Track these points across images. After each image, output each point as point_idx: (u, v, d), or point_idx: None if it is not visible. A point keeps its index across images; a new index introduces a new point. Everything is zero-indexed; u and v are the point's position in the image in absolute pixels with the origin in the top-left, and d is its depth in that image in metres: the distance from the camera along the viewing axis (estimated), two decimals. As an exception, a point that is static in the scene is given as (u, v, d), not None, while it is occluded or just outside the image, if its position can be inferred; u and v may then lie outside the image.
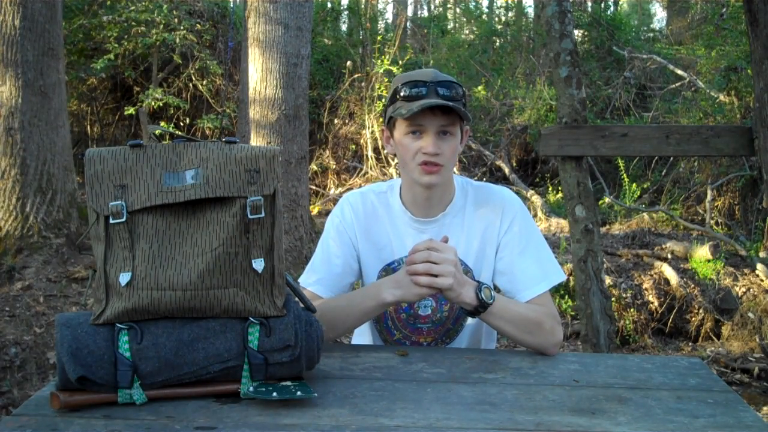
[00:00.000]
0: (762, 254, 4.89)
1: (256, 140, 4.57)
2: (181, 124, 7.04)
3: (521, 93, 7.56)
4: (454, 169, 1.60)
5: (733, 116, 5.95)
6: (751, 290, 4.52)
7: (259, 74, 4.58)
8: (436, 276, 1.33)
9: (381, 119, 7.02)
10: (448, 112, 1.42)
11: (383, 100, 7.00)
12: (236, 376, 1.14)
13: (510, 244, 1.52)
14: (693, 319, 4.50)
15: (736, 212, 6.20)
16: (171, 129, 6.77)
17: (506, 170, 7.07)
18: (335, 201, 6.50)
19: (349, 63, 7.53)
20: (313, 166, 7.11)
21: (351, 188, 6.84)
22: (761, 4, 2.77)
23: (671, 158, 6.58)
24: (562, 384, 1.28)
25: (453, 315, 1.58)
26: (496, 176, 7.16)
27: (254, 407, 1.11)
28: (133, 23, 6.33)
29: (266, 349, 1.14)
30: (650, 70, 7.79)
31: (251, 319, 1.15)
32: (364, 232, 1.57)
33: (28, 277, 3.75)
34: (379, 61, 7.11)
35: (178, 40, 6.28)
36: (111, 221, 1.12)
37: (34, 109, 3.98)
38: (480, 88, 7.75)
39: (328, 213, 5.59)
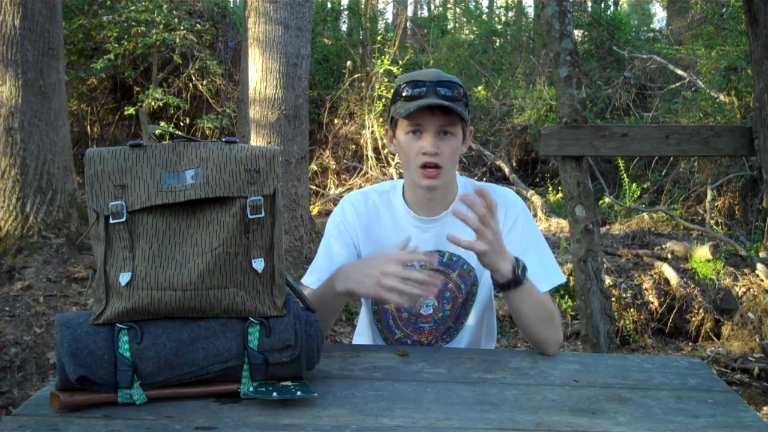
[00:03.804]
0: (762, 254, 4.89)
1: (256, 140, 4.57)
2: (181, 124, 7.03)
3: (521, 93, 7.56)
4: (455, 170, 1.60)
5: (733, 116, 5.95)
6: (751, 290, 4.52)
7: (259, 74, 4.58)
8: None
9: (381, 119, 7.01)
10: (447, 112, 1.42)
11: (383, 100, 7.00)
12: (236, 376, 1.14)
13: (512, 244, 1.52)
14: (693, 319, 4.50)
15: (736, 212, 6.20)
16: (171, 129, 6.77)
17: (506, 170, 7.07)
18: (335, 201, 6.50)
19: (349, 63, 7.53)
20: (313, 166, 7.11)
21: (351, 188, 6.84)
22: (761, 4, 2.77)
23: (671, 158, 6.58)
24: (562, 384, 1.28)
25: (454, 314, 1.59)
26: (496, 176, 7.16)
27: (254, 407, 1.11)
28: (133, 23, 6.32)
29: (266, 349, 1.14)
30: (650, 70, 7.79)
31: (251, 319, 1.15)
32: (365, 231, 1.57)
33: (28, 277, 3.75)
34: (379, 61, 7.11)
35: (178, 40, 6.28)
36: (111, 221, 1.12)
37: (34, 109, 3.98)
38: (480, 88, 7.75)
39: (328, 213, 5.59)
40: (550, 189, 6.87)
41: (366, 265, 1.34)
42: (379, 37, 7.56)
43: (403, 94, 1.45)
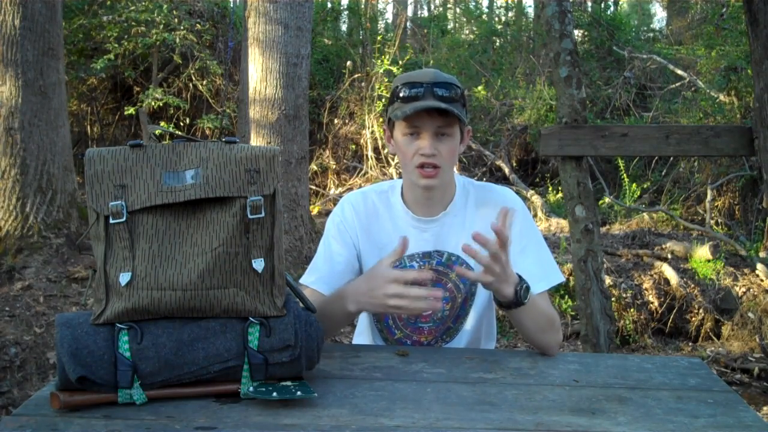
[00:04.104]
0: (762, 254, 4.89)
1: (256, 140, 4.57)
2: (181, 124, 7.03)
3: (521, 93, 7.56)
4: (454, 169, 1.60)
5: (733, 116, 5.95)
6: (751, 290, 4.52)
7: (259, 74, 4.58)
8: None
9: (381, 119, 7.01)
10: (445, 114, 1.42)
11: (383, 100, 6.99)
12: (236, 376, 1.14)
13: (511, 243, 1.52)
14: (693, 319, 4.49)
15: (736, 212, 6.20)
16: (171, 129, 6.77)
17: (506, 170, 7.07)
18: (335, 201, 6.50)
19: (349, 63, 7.53)
20: (313, 166, 7.11)
21: (351, 188, 6.84)
22: (761, 4, 2.77)
23: (671, 158, 6.58)
24: (562, 384, 1.28)
25: (453, 314, 1.59)
26: (496, 176, 7.16)
27: (254, 407, 1.11)
28: (133, 23, 6.32)
29: (266, 349, 1.14)
30: (650, 70, 7.79)
31: (251, 319, 1.15)
32: (365, 231, 1.57)
33: (28, 277, 3.75)
34: (379, 61, 7.11)
35: (178, 40, 6.28)
36: (111, 221, 1.12)
37: (34, 109, 3.98)
38: (480, 88, 7.75)
39: (328, 213, 5.60)
40: (550, 189, 6.87)
41: (370, 285, 1.34)
42: (379, 37, 7.56)
43: (401, 95, 1.44)
